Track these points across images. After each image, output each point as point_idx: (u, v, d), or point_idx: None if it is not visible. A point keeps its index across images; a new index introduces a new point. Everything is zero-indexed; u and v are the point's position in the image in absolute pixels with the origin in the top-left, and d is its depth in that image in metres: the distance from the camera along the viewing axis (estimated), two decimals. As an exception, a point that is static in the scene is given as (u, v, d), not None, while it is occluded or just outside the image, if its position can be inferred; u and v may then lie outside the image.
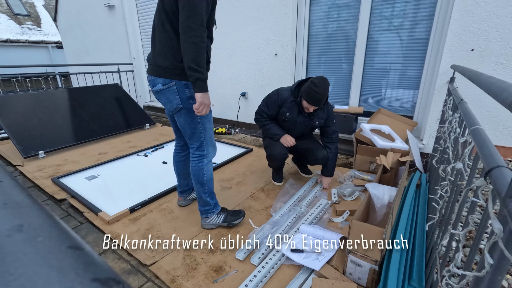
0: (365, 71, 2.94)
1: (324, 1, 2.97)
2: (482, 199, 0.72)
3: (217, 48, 3.84)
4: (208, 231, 1.70)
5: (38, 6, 13.15)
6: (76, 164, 2.75)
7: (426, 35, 2.53)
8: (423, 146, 2.56)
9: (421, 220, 1.60)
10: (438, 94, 2.42)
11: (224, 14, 3.58)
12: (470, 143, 0.93)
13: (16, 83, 4.25)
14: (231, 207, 1.96)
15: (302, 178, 2.40)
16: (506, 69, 2.12)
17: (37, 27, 12.22)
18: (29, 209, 0.21)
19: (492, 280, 0.56)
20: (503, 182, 0.54)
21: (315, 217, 1.80)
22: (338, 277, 1.29)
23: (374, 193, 1.60)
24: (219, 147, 3.27)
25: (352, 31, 2.90)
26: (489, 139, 0.75)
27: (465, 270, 0.73)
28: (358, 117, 2.99)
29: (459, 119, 1.27)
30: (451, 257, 1.20)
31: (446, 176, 1.23)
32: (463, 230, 0.75)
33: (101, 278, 0.16)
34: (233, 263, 1.45)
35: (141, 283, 1.34)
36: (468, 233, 1.51)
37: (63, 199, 2.10)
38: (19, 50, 11.20)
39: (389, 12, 2.67)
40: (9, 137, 2.93)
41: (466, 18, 2.16)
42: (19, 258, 0.16)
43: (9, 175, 0.25)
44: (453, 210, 1.05)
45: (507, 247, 0.50)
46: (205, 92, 1.36)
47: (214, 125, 4.23)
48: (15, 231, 0.18)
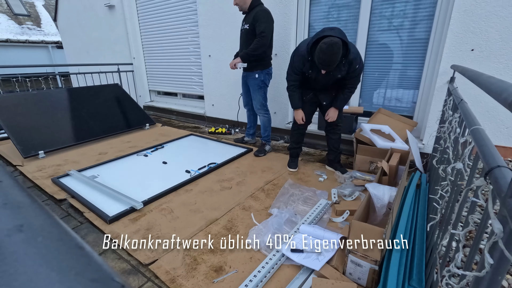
0: (365, 71, 2.94)
1: (324, 1, 2.97)
2: (482, 199, 0.72)
3: (217, 48, 3.84)
4: (208, 231, 1.70)
5: (38, 6, 13.15)
6: (76, 164, 2.75)
7: (426, 35, 2.53)
8: (423, 146, 2.56)
9: (421, 220, 1.60)
10: (438, 94, 2.42)
11: (224, 14, 3.58)
12: (470, 143, 0.93)
13: (16, 83, 4.25)
14: (231, 207, 1.97)
15: (302, 178, 2.40)
16: (506, 69, 2.12)
17: (37, 27, 12.21)
18: (29, 209, 0.21)
19: (492, 280, 0.56)
20: (503, 182, 0.54)
21: (315, 217, 1.80)
22: (338, 277, 1.29)
23: (374, 193, 1.60)
24: (219, 147, 3.29)
25: (352, 31, 2.90)
26: (489, 139, 0.75)
27: (465, 270, 0.73)
28: (358, 117, 2.99)
29: (459, 119, 1.27)
30: (451, 257, 1.20)
31: (446, 176, 1.22)
32: (463, 230, 0.75)
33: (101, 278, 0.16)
34: (233, 263, 1.45)
35: (141, 283, 1.34)
36: (468, 233, 1.51)
37: (63, 199, 2.10)
38: (19, 50, 11.19)
39: (389, 12, 2.67)
40: (9, 137, 2.93)
41: (466, 18, 2.16)
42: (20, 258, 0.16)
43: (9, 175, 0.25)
44: (453, 210, 1.05)
45: (507, 247, 0.50)
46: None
47: (214, 125, 4.23)
48: (15, 231, 0.18)
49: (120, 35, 5.09)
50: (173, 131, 3.99)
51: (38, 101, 3.45)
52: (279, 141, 3.47)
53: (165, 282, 1.33)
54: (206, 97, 4.29)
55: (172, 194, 2.16)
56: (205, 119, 4.43)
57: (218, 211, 1.92)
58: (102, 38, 5.52)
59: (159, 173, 2.54)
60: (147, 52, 5.03)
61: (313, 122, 3.26)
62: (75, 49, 6.36)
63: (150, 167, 2.69)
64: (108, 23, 5.20)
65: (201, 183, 2.33)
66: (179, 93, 4.98)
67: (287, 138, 3.47)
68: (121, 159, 2.88)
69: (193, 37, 4.20)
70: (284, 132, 3.46)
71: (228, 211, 1.92)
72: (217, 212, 1.91)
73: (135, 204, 1.93)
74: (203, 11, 3.80)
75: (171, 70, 4.78)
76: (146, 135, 3.78)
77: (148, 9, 4.64)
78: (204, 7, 3.77)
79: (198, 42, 4.11)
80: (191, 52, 4.33)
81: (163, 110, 5.06)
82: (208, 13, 3.76)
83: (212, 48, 3.90)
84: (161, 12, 4.49)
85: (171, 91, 5.06)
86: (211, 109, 4.28)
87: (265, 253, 1.50)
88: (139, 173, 2.55)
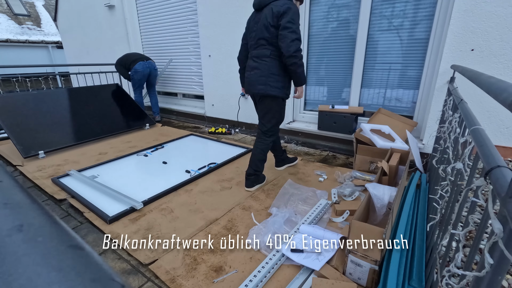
0: (365, 71, 2.94)
1: (324, 1, 2.97)
2: (482, 199, 0.72)
3: (217, 48, 3.84)
4: (208, 231, 1.70)
5: (38, 6, 13.15)
6: (76, 164, 2.75)
7: (426, 35, 2.53)
8: (423, 146, 2.56)
9: (421, 220, 1.60)
10: (438, 94, 2.42)
11: (224, 14, 3.58)
12: (470, 143, 0.93)
13: (16, 83, 4.25)
14: (231, 207, 1.97)
15: (302, 178, 2.40)
16: (506, 69, 2.12)
17: (37, 27, 12.22)
18: (29, 209, 0.21)
19: (492, 280, 0.56)
20: (503, 182, 0.54)
21: (315, 217, 1.80)
22: (338, 277, 1.29)
23: (374, 193, 1.60)
24: (219, 147, 3.29)
25: (352, 31, 2.90)
26: (489, 139, 0.75)
27: (465, 270, 0.73)
28: (358, 117, 2.99)
29: (459, 119, 1.27)
30: (451, 257, 1.20)
31: (446, 176, 1.23)
32: (463, 230, 0.75)
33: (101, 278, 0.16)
34: (233, 263, 1.45)
35: (141, 283, 1.34)
36: (468, 233, 1.51)
37: (63, 199, 2.10)
38: (19, 50, 11.20)
39: (389, 12, 2.67)
40: (9, 137, 2.93)
41: (466, 18, 2.16)
42: (20, 258, 0.16)
43: (9, 175, 0.25)
44: (453, 210, 1.05)
45: (507, 247, 0.50)
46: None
47: (214, 125, 4.23)
48: (15, 231, 0.18)
49: (120, 35, 5.09)
50: (173, 131, 3.99)
51: (38, 101, 3.45)
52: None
53: (165, 282, 1.33)
54: (206, 97, 4.29)
55: (172, 194, 2.16)
56: (205, 119, 4.43)
57: (218, 211, 1.92)
58: (102, 38, 5.52)
59: (159, 173, 2.54)
60: (147, 52, 5.02)
61: (313, 122, 3.26)
62: (75, 49, 6.36)
63: (150, 167, 2.69)
64: (108, 23, 5.20)
65: (201, 183, 2.33)
66: (179, 93, 4.98)
67: (288, 138, 3.47)
68: (121, 159, 2.88)
69: (193, 37, 4.20)
70: (284, 132, 3.46)
71: (228, 211, 1.92)
72: (217, 212, 1.91)
73: (135, 204, 1.93)
74: (203, 11, 3.80)
75: (171, 70, 4.78)
76: (146, 135, 3.78)
77: (148, 9, 4.64)
78: (204, 7, 3.77)
79: (198, 42, 4.11)
80: (191, 52, 4.34)
81: (163, 110, 5.05)
82: (208, 13, 3.76)
83: (212, 48, 3.90)
84: (161, 12, 4.49)
85: (171, 91, 5.06)
86: (211, 109, 4.28)
87: (265, 253, 1.50)
88: (139, 173, 2.55)
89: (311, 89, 3.37)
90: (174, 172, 2.54)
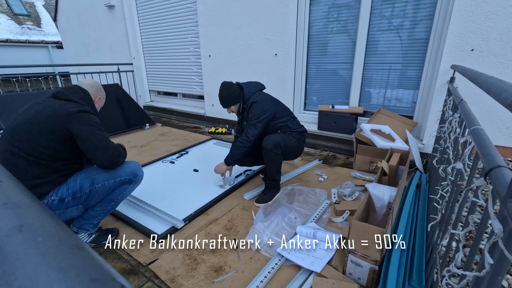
0: (365, 71, 2.94)
1: (324, 1, 2.97)
2: (482, 199, 0.72)
3: (217, 49, 3.84)
4: (208, 231, 1.70)
5: (38, 6, 13.15)
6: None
7: (426, 35, 2.53)
8: (423, 146, 2.56)
9: (421, 220, 1.60)
10: (438, 94, 2.42)
11: (224, 14, 3.58)
12: (470, 143, 0.93)
13: (16, 83, 4.25)
14: (231, 207, 1.96)
15: (302, 178, 2.40)
16: (506, 69, 2.12)
17: (37, 27, 12.22)
18: (29, 209, 0.21)
19: (492, 280, 0.56)
20: (503, 182, 0.54)
21: (315, 217, 1.80)
22: (338, 277, 1.29)
23: (374, 193, 1.60)
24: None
25: (352, 31, 2.90)
26: (489, 139, 0.75)
27: (465, 270, 0.73)
28: (358, 117, 2.99)
29: (459, 119, 1.27)
30: (451, 257, 1.20)
31: (446, 176, 1.22)
32: (463, 230, 0.75)
33: (101, 278, 0.16)
34: (233, 263, 1.45)
35: (141, 283, 1.34)
36: (468, 233, 1.51)
37: (63, 199, 2.09)
38: (19, 50, 11.20)
39: (389, 12, 2.67)
40: (9, 137, 2.93)
41: (466, 18, 2.16)
42: (20, 258, 0.16)
43: (9, 175, 0.25)
44: (453, 210, 1.05)
45: (507, 247, 0.50)
46: None
47: (214, 125, 4.23)
48: (15, 231, 0.18)
49: (120, 35, 5.09)
50: (173, 131, 3.99)
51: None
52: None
53: (165, 282, 1.33)
54: (206, 97, 4.29)
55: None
56: (205, 119, 4.43)
57: (218, 211, 1.92)
58: (102, 38, 5.52)
59: (194, 183, 2.34)
60: (147, 52, 5.03)
61: (313, 122, 3.26)
62: (75, 49, 6.36)
63: (182, 176, 2.48)
64: (108, 23, 5.20)
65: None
66: (179, 93, 4.98)
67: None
68: (148, 165, 2.69)
69: (193, 37, 4.20)
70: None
71: (228, 211, 1.92)
72: (217, 212, 1.91)
73: (176, 222, 1.73)
74: (203, 11, 3.80)
75: (171, 70, 4.78)
76: (146, 135, 3.78)
77: (148, 9, 4.64)
78: (204, 7, 3.77)
79: (198, 42, 4.11)
80: (191, 52, 4.33)
81: (163, 110, 5.06)
82: (208, 13, 3.76)
83: (212, 48, 3.90)
84: (161, 12, 4.49)
85: (171, 91, 5.06)
86: (211, 109, 4.28)
87: (265, 253, 1.50)
88: (174, 184, 2.34)
89: (311, 89, 3.37)
90: (207, 180, 2.32)
